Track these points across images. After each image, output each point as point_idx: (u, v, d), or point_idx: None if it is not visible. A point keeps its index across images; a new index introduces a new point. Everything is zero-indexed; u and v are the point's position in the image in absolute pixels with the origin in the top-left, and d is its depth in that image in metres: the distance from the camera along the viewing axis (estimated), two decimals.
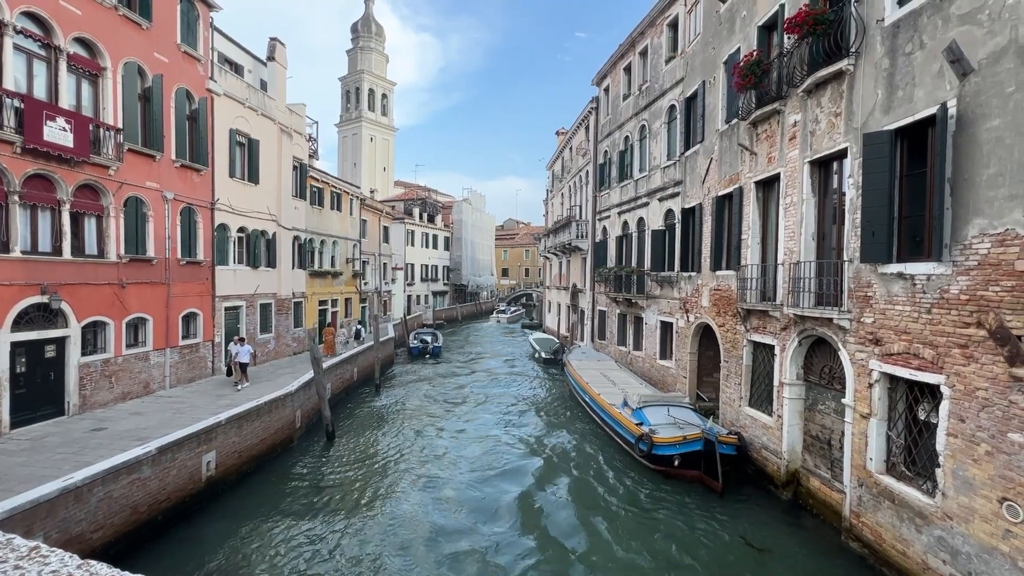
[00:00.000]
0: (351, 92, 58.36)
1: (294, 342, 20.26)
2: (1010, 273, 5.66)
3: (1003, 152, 5.76)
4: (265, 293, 18.23)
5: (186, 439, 9.01)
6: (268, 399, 11.96)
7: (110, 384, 11.99)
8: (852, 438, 8.06)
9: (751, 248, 11.04)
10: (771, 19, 10.47)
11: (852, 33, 8.07)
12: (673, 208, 15.64)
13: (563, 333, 30.12)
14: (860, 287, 7.89)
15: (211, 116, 15.38)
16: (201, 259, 14.97)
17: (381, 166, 59.17)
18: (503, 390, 20.38)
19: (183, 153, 14.24)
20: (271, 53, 19.23)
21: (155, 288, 13.34)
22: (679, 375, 14.94)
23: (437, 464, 12.21)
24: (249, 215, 17.21)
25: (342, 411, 16.75)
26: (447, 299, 51.06)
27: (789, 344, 9.63)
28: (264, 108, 17.95)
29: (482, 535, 8.88)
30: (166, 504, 8.56)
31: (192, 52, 14.46)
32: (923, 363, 6.78)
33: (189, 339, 14.63)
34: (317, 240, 22.99)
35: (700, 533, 8.83)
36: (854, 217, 8.01)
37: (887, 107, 7.42)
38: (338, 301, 25.18)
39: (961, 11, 6.30)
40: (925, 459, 6.98)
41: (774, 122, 10.31)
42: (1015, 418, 5.62)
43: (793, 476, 9.73)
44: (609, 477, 11.35)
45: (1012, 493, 5.63)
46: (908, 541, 6.97)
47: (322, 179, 23.47)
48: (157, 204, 13.35)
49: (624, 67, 20.08)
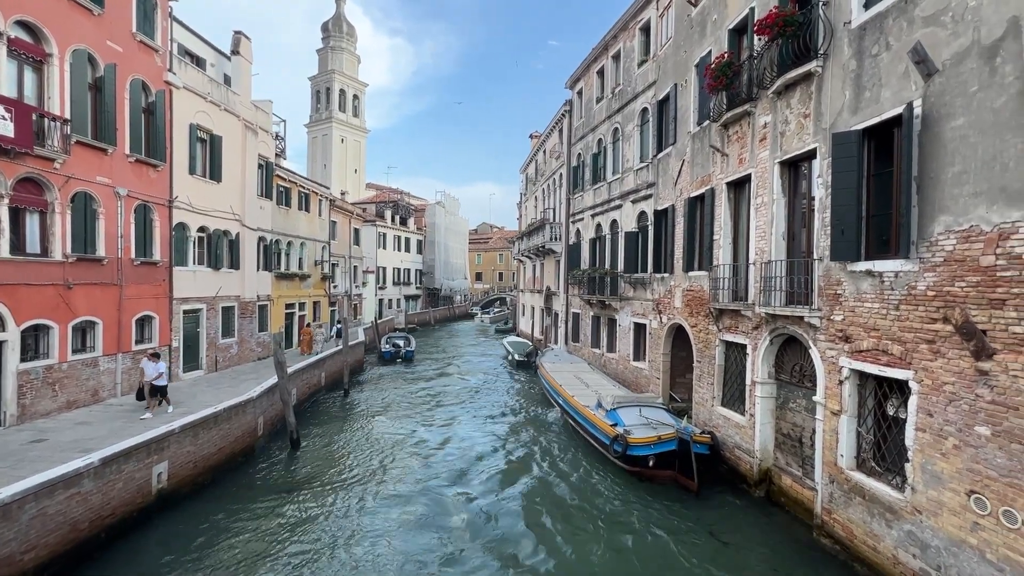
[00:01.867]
0: (321, 92, 57.20)
1: (259, 347, 19.47)
2: (975, 269, 5.76)
3: (967, 150, 5.87)
4: (228, 296, 17.46)
5: (134, 449, 8.40)
6: (228, 405, 11.35)
7: (53, 392, 11.17)
8: (823, 435, 8.12)
9: (723, 248, 11.11)
10: (741, 22, 10.61)
11: (820, 35, 8.20)
12: (646, 210, 15.71)
13: (537, 336, 30.00)
14: (830, 285, 7.97)
15: (169, 109, 14.66)
16: (157, 259, 14.21)
17: (352, 168, 58.10)
18: (476, 394, 20.06)
19: (138, 147, 13.50)
20: (235, 47, 18.54)
21: (106, 289, 12.55)
22: (652, 376, 14.95)
23: (407, 471, 11.81)
24: (211, 214, 16.47)
25: (308, 417, 16.13)
26: (420, 303, 50.39)
27: (761, 343, 9.69)
28: (227, 103, 17.26)
29: (454, 541, 8.56)
30: (111, 520, 7.94)
31: (149, 42, 13.75)
32: (892, 359, 6.86)
33: (144, 344, 13.82)
34: (284, 241, 22.25)
35: (675, 533, 8.73)
36: (823, 216, 8.10)
37: (855, 107, 7.55)
38: (306, 304, 24.41)
39: (925, 13, 6.44)
40: (895, 454, 7.05)
41: (745, 123, 10.42)
42: (981, 411, 5.71)
43: (765, 474, 9.77)
44: (583, 479, 11.19)
45: (979, 486, 5.70)
46: (879, 536, 7.02)
47: (289, 178, 22.76)
48: (109, 200, 12.59)
49: (597, 71, 20.19)
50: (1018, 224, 5.34)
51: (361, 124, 59.90)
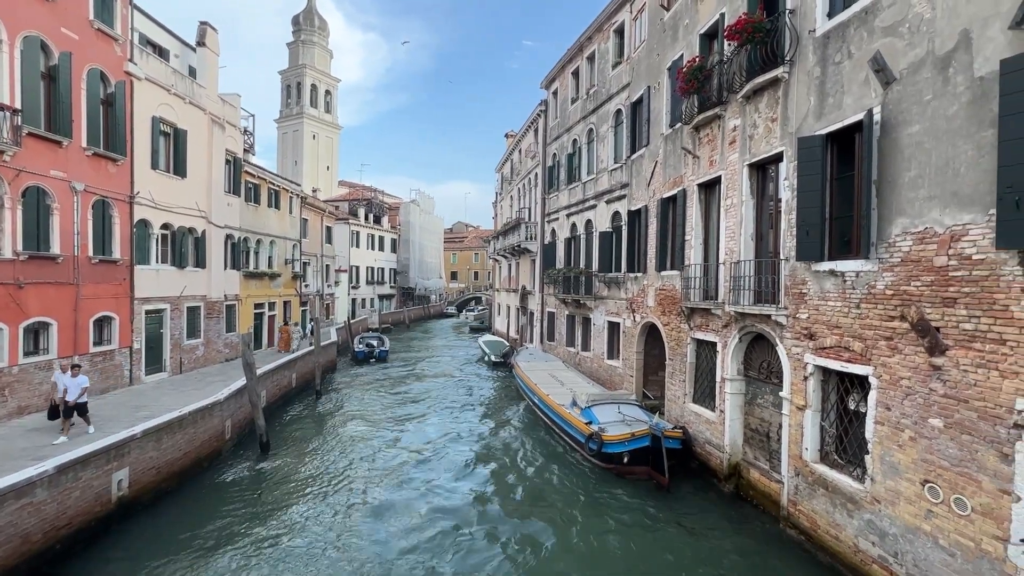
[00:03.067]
0: (292, 87, 55.92)
1: (226, 348, 18.90)
2: (929, 269, 6.04)
3: (922, 156, 6.15)
4: (193, 295, 16.88)
5: (92, 456, 8.03)
6: (193, 408, 10.98)
7: (3, 397, 10.59)
8: (789, 429, 8.39)
9: (694, 248, 11.35)
10: (712, 27, 10.84)
11: (787, 42, 8.46)
12: (620, 210, 15.91)
13: (512, 335, 30.04)
14: (796, 284, 8.24)
15: (130, 101, 14.07)
16: (117, 258, 13.62)
17: (324, 165, 57.01)
18: (451, 394, 19.95)
19: (96, 140, 12.92)
20: (201, 38, 17.92)
21: (61, 289, 11.97)
22: (626, 374, 15.16)
23: (380, 473, 11.66)
24: (175, 211, 15.89)
25: (279, 420, 15.75)
26: (394, 302, 49.79)
27: (730, 341, 9.94)
28: (193, 96, 16.68)
29: (432, 542, 8.49)
30: (66, 531, 7.57)
31: (107, 30, 13.16)
32: (853, 355, 7.14)
33: (102, 345, 13.24)
34: (253, 239, 21.65)
35: (645, 526, 8.91)
36: (790, 217, 8.36)
37: (819, 113, 7.81)
38: (276, 304, 23.82)
39: (884, 24, 6.71)
40: (855, 447, 7.34)
41: (715, 127, 10.66)
42: (935, 404, 5.99)
43: (735, 469, 10.04)
44: (559, 477, 11.26)
45: (933, 475, 5.99)
46: (840, 526, 7.29)
47: (259, 175, 22.15)
48: (64, 196, 12.01)
49: (572, 71, 20.32)
50: (968, 226, 5.62)
51: (333, 120, 58.81)
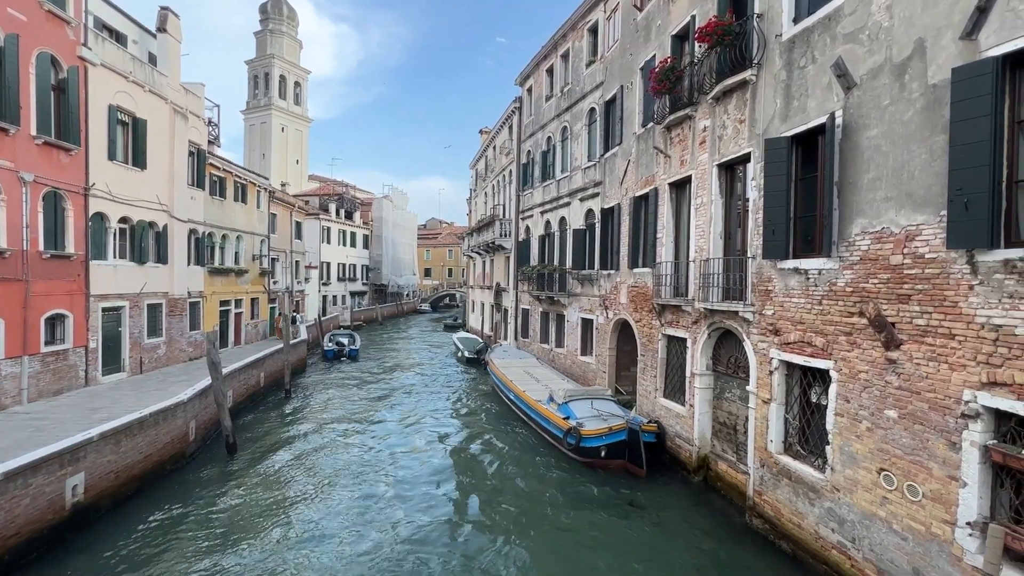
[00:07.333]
0: (259, 77, 54.23)
1: (190, 347, 18.25)
2: (886, 267, 6.32)
3: (880, 159, 6.42)
4: (154, 292, 16.23)
5: (43, 461, 7.63)
6: (155, 409, 10.57)
7: None
8: (755, 422, 8.66)
9: (665, 246, 11.56)
10: (684, 29, 11.03)
11: (755, 45, 8.68)
12: (593, 208, 16.06)
13: (487, 332, 30.02)
14: (762, 282, 8.49)
15: (84, 88, 13.38)
16: (71, 252, 12.97)
17: (294, 158, 55.56)
18: (424, 392, 19.81)
19: (47, 128, 12.25)
20: (161, 24, 17.17)
21: (8, 285, 11.32)
22: (599, 370, 15.35)
23: (350, 474, 11.49)
24: (134, 204, 15.22)
25: (247, 420, 15.33)
26: (366, 299, 49.05)
27: (700, 337, 10.18)
28: (153, 84, 15.99)
29: (411, 544, 8.42)
30: (15, 540, 7.18)
31: (59, 13, 12.47)
32: (815, 350, 7.41)
33: (55, 345, 12.60)
34: (218, 234, 20.94)
35: (618, 516, 9.07)
36: (757, 217, 8.60)
37: (785, 115, 8.05)
38: (243, 301, 23.13)
39: (846, 31, 6.96)
40: (817, 438, 7.63)
41: (686, 127, 10.87)
42: (890, 396, 6.28)
43: (704, 461, 10.30)
44: (537, 473, 11.33)
45: (888, 464, 6.28)
46: (803, 514, 7.58)
47: (224, 167, 21.42)
48: (12, 186, 11.35)
49: (547, 69, 20.37)
50: (921, 227, 5.90)
51: (303, 113, 57.35)
